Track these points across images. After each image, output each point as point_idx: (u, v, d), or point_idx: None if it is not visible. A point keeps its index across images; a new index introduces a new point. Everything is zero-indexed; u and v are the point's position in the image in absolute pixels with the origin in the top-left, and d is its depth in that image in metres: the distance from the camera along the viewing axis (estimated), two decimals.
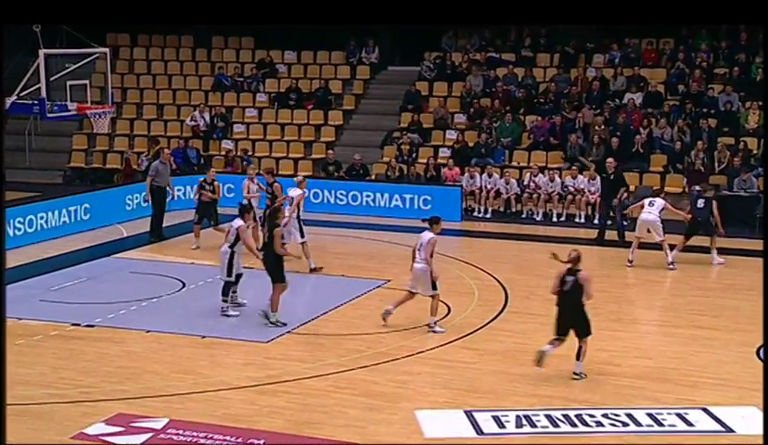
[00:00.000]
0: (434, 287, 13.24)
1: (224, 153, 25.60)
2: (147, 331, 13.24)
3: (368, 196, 22.79)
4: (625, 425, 10.14)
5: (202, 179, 19.00)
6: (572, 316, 11.38)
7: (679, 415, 10.36)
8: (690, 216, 17.91)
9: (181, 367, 11.87)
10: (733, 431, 9.97)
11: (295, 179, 18.00)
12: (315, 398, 10.85)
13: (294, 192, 16.87)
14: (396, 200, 22.70)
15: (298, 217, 16.55)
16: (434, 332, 13.19)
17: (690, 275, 16.95)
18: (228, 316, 13.73)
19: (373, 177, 24.11)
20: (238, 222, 13.81)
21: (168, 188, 19.54)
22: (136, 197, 21.38)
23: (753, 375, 11.68)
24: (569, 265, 11.46)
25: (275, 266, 13.42)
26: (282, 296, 13.46)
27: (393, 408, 10.55)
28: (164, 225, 19.52)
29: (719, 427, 10.07)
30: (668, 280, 16.97)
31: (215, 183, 19.07)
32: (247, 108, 27.32)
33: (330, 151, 24.96)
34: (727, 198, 21.67)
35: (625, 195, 19.76)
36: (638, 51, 26.47)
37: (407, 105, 26.49)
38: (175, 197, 20.67)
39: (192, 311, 14.30)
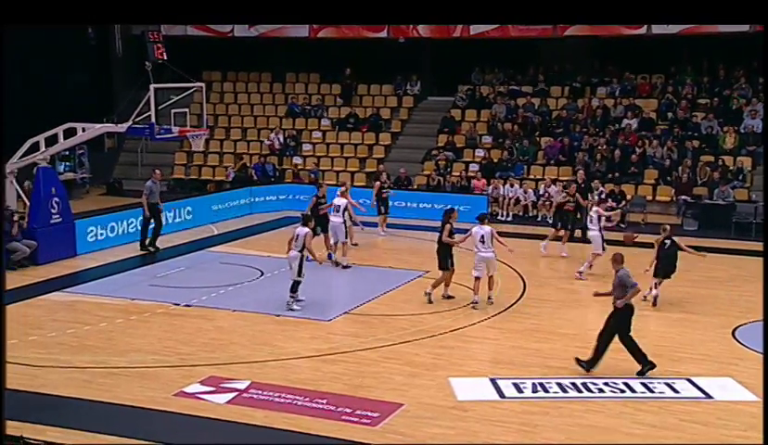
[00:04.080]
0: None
1: (293, 168, 25.77)
2: (234, 310, 13.37)
3: (412, 202, 22.77)
4: (622, 391, 10.01)
5: (317, 195, 17.40)
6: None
7: (667, 384, 10.20)
8: (657, 260, 14.10)
9: (260, 340, 11.96)
10: (712, 397, 9.80)
11: (338, 191, 17.37)
12: (367, 366, 10.86)
13: (339, 201, 16.71)
14: (434, 206, 22.64)
15: (344, 221, 16.44)
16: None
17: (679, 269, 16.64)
18: (292, 310, 13.17)
19: (415, 187, 24.12)
20: (304, 230, 13.35)
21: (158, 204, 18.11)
22: (228, 204, 21.67)
23: (729, 351, 11.52)
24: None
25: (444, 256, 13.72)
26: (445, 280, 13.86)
27: (431, 375, 10.53)
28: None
29: (700, 395, 9.91)
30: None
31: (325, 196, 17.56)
32: (313, 131, 27.46)
33: (381, 166, 24.98)
34: (708, 207, 21.40)
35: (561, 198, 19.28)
36: (634, 84, 26.12)
37: (443, 128, 26.43)
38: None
39: (269, 294, 14.40)
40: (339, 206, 16.62)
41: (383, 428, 8.95)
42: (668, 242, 14.01)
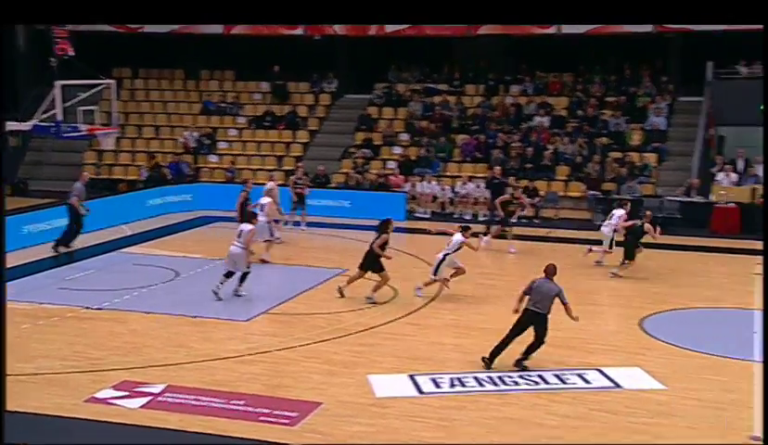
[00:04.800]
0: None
1: (209, 166, 25.41)
2: (147, 313, 13.06)
3: (330, 200, 22.74)
4: (537, 383, 10.23)
5: (245, 191, 17.97)
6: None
7: (579, 375, 10.46)
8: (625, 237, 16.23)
9: (176, 342, 11.72)
10: (621, 387, 10.10)
11: (264, 190, 17.63)
12: (286, 366, 10.79)
13: (265, 200, 16.82)
14: (352, 203, 22.68)
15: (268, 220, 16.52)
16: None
17: (589, 264, 17.14)
18: (241, 296, 13.68)
19: (333, 185, 24.09)
20: (248, 227, 13.75)
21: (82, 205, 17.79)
22: (141, 204, 21.15)
23: (637, 341, 11.91)
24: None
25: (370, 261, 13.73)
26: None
27: (350, 373, 10.53)
28: (146, 229, 19.16)
29: (610, 384, 10.20)
30: (574, 267, 17.14)
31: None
32: (229, 129, 27.10)
33: (300, 164, 24.84)
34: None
35: (508, 196, 19.75)
36: (546, 83, 26.74)
37: (361, 126, 26.50)
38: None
39: (184, 295, 14.13)
40: (264, 204, 16.62)
41: (302, 428, 8.91)
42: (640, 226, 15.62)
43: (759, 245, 18.46)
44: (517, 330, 10.66)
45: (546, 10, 8.07)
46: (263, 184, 19.02)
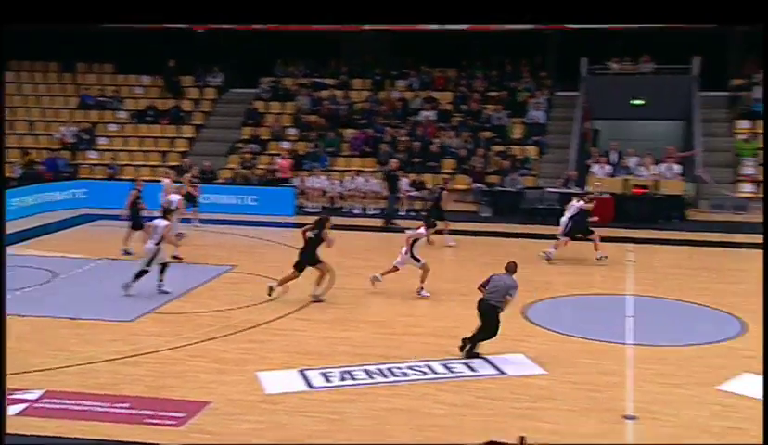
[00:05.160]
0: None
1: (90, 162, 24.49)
2: (23, 316, 12.44)
3: (217, 196, 22.33)
4: (425, 374, 10.38)
5: (136, 190, 17.51)
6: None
7: (466, 364, 10.68)
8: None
9: (54, 345, 11.23)
10: (505, 374, 10.37)
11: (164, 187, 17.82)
12: (172, 366, 10.53)
13: (175, 196, 16.82)
14: (241, 199, 22.36)
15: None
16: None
17: (474, 253, 17.54)
18: (129, 294, 13.39)
19: (221, 180, 23.68)
20: (164, 222, 13.58)
21: None
22: (14, 202, 20.11)
23: (520, 329, 12.25)
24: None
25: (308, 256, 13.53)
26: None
27: (240, 371, 10.38)
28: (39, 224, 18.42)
29: (495, 371, 10.45)
30: (454, 258, 17.51)
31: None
32: (109, 124, 26.19)
33: (186, 159, 24.28)
34: (500, 194, 22.74)
35: (408, 190, 20.09)
36: (431, 77, 27.17)
37: (248, 120, 26.18)
38: None
39: (63, 297, 13.57)
40: (176, 201, 16.56)
41: (188, 428, 8.71)
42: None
43: (631, 233, 19.43)
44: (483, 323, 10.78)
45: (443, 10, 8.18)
46: (152, 181, 18.65)
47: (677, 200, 21.49)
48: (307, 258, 13.65)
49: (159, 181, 19.51)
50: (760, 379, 9.82)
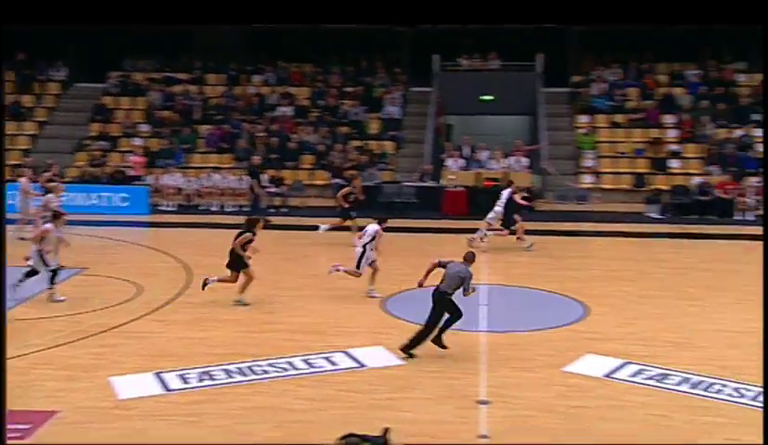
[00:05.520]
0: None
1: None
2: None
3: (65, 196, 21.23)
4: (285, 370, 10.31)
5: (50, 173, 17.12)
6: None
7: (326, 358, 10.69)
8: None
9: None
10: (365, 366, 10.47)
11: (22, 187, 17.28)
12: (16, 376, 9.85)
13: (49, 196, 16.15)
14: (91, 199, 21.39)
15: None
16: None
17: (330, 247, 17.57)
18: (59, 302, 12.92)
19: (68, 179, 22.51)
20: (48, 226, 13.22)
21: None
22: None
23: (379, 321, 12.42)
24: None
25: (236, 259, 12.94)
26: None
27: (90, 377, 9.92)
28: None
29: (356, 364, 10.52)
30: (311, 252, 17.50)
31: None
32: None
33: (28, 158, 22.95)
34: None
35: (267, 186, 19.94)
36: (287, 73, 27.03)
37: (96, 116, 25.06)
38: None
39: None
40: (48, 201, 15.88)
41: (35, 439, 8.25)
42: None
43: (484, 225, 20.09)
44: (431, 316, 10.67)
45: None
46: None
47: (526, 192, 22.40)
48: (232, 262, 13.14)
49: (14, 181, 18.42)
50: (601, 359, 10.43)
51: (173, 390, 9.64)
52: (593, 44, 26.71)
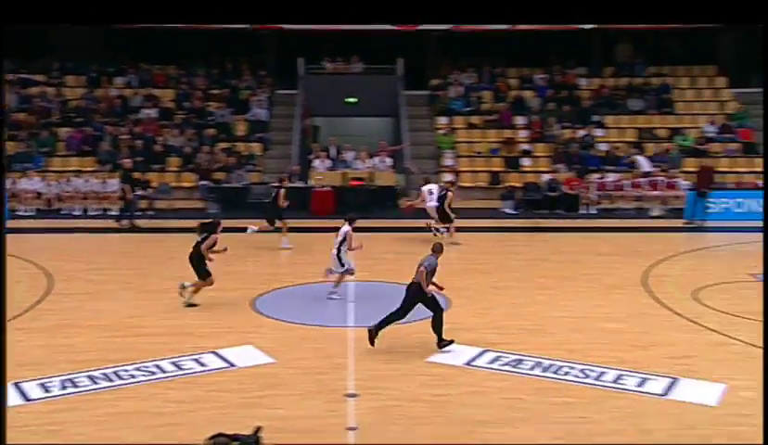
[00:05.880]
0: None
1: None
2: None
3: None
4: (153, 373, 9.98)
5: None
6: None
7: (196, 360, 10.41)
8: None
9: None
10: (235, 365, 10.28)
11: None
12: None
13: None
14: None
15: None
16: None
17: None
18: None
19: None
20: None
21: None
22: None
23: (249, 320, 12.20)
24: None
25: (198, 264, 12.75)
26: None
27: None
28: None
29: (225, 364, 10.31)
30: (177, 255, 17.02)
31: None
32: None
33: None
34: (228, 190, 22.51)
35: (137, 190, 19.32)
36: (151, 75, 26.17)
37: None
38: None
39: None
40: None
41: None
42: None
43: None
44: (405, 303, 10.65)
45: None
46: None
47: (390, 191, 22.72)
48: (195, 265, 12.77)
49: None
50: (462, 348, 10.71)
51: (34, 400, 9.13)
52: (449, 50, 27.44)
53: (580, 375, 9.87)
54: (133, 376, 9.86)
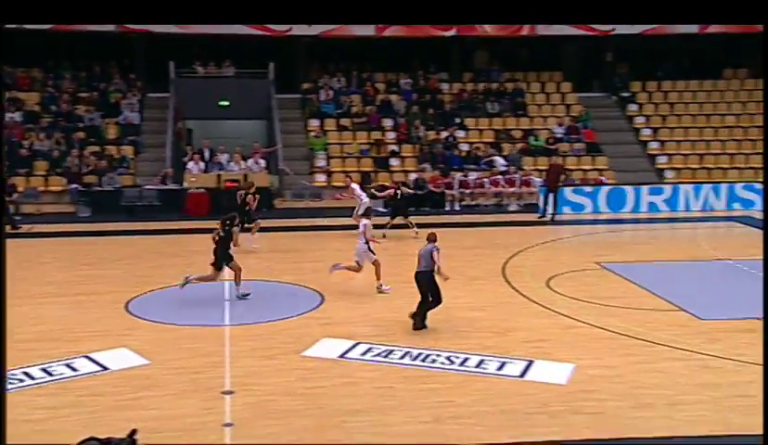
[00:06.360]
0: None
1: None
2: None
3: None
4: (22, 381, 9.40)
5: None
6: None
7: (67, 365, 9.93)
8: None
9: None
10: (108, 368, 9.88)
11: None
12: None
13: None
14: None
15: None
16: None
17: (76, 253, 16.39)
18: None
19: None
20: None
21: None
22: None
23: (122, 323, 11.81)
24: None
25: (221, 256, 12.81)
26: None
27: None
28: None
29: (98, 368, 9.88)
30: (52, 260, 16.22)
31: None
32: None
33: None
34: (99, 193, 21.63)
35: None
36: (14, 77, 24.68)
37: None
38: None
39: None
40: None
41: None
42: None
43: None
44: (422, 294, 11.14)
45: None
46: None
47: (265, 192, 22.47)
48: (222, 256, 12.72)
49: None
50: (335, 342, 10.77)
51: None
52: (319, 55, 27.46)
53: (446, 361, 10.15)
54: (22, 380, 9.28)
